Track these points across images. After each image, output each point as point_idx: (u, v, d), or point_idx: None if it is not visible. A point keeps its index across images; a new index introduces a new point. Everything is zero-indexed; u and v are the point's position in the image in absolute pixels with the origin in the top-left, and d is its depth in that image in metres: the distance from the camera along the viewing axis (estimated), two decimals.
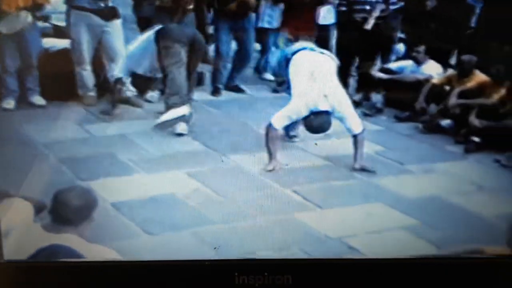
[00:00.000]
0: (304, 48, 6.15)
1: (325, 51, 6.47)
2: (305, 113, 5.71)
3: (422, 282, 3.37)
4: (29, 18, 6.57)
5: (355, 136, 5.83)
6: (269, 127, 5.72)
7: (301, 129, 6.02)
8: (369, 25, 7.03)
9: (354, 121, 5.81)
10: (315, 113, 5.73)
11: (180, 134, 6.12)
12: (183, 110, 6.26)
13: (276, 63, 6.36)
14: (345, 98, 5.92)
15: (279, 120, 5.68)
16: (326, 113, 5.76)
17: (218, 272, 3.46)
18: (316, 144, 5.88)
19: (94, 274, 3.39)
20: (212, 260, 3.82)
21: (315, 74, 5.86)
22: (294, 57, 5.98)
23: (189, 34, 6.50)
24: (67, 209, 3.67)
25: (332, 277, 3.38)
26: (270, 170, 5.62)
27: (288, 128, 6.04)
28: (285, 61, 6.04)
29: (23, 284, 3.37)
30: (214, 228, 4.79)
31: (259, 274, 3.39)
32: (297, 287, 3.39)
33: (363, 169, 5.78)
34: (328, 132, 6.24)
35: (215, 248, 3.93)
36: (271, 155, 5.72)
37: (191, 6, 6.84)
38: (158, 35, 6.31)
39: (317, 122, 5.73)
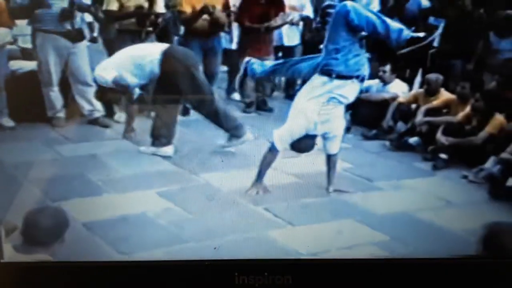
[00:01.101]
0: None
1: None
2: (302, 134, 5.59)
3: (422, 282, 3.33)
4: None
5: (331, 156, 5.70)
6: (272, 148, 5.62)
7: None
8: None
9: (337, 143, 5.70)
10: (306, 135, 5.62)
11: (168, 157, 6.08)
12: (170, 150, 6.28)
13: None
14: (342, 123, 5.75)
15: (282, 143, 5.55)
16: (312, 136, 5.63)
17: (218, 272, 3.41)
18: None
19: (94, 274, 3.39)
20: (212, 260, 3.80)
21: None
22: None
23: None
24: (38, 230, 3.60)
25: (331, 277, 3.32)
26: (256, 193, 5.55)
27: None
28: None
29: (23, 284, 3.30)
30: (186, 246, 4.73)
31: (259, 274, 3.33)
32: (297, 287, 3.32)
33: (337, 190, 5.67)
34: None
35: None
36: (259, 178, 5.61)
37: (150, 28, 6.90)
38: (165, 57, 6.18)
39: (305, 143, 5.63)
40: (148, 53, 6.15)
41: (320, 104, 5.58)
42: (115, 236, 4.79)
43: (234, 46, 7.59)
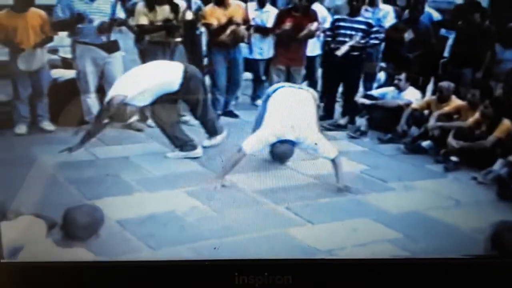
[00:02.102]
0: (282, 87, 6.10)
1: (304, 86, 6.53)
2: (272, 140, 5.64)
3: (422, 282, 3.30)
4: (45, 58, 6.70)
5: (332, 160, 5.76)
6: (240, 151, 5.63)
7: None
8: (340, 52, 7.10)
9: (327, 148, 5.77)
10: (281, 142, 5.66)
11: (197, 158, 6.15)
12: (199, 151, 6.34)
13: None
14: (315, 131, 5.85)
15: (250, 146, 5.62)
16: (291, 142, 5.69)
17: (218, 272, 3.35)
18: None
19: (94, 274, 3.32)
20: (212, 260, 3.76)
21: (286, 106, 5.80)
22: (274, 94, 5.92)
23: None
24: (75, 226, 3.62)
25: (331, 277, 3.29)
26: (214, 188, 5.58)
27: None
28: (267, 98, 5.97)
29: (23, 284, 3.28)
30: (210, 243, 4.69)
31: (259, 274, 3.27)
32: (297, 287, 3.27)
33: (346, 189, 5.71)
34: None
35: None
36: (224, 174, 5.68)
37: (179, 39, 6.99)
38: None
39: (281, 149, 5.72)
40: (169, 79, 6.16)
41: None
42: (145, 232, 4.84)
43: (256, 56, 7.66)
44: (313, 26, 7.30)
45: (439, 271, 3.30)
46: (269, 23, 7.57)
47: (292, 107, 5.87)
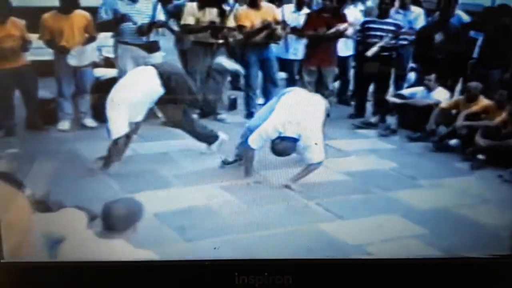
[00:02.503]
0: (295, 89, 6.17)
1: (315, 93, 6.62)
2: (273, 134, 5.73)
3: (422, 282, 3.29)
4: (95, 55, 6.86)
5: (310, 165, 5.83)
6: (247, 148, 5.80)
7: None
8: (370, 53, 7.25)
9: (317, 154, 5.83)
10: (282, 138, 5.74)
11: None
12: (224, 137, 6.45)
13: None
14: (319, 132, 5.90)
15: (253, 140, 5.72)
16: (292, 139, 5.77)
17: (218, 272, 3.34)
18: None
19: (94, 274, 3.34)
20: (212, 260, 3.69)
21: (295, 104, 5.87)
22: (287, 93, 6.06)
23: None
24: (116, 218, 3.71)
25: (331, 277, 3.25)
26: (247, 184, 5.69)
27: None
28: (279, 97, 6.04)
29: (23, 284, 3.25)
30: (245, 236, 4.80)
31: (259, 274, 3.26)
32: (297, 287, 3.28)
33: (287, 187, 5.78)
34: (347, 150, 6.50)
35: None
36: (248, 172, 5.82)
37: (221, 41, 7.09)
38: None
39: (281, 146, 5.76)
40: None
41: None
42: (181, 225, 4.96)
43: (291, 56, 7.76)
44: (342, 26, 7.36)
45: (439, 271, 3.28)
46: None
47: (301, 106, 5.92)
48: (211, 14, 6.99)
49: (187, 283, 3.21)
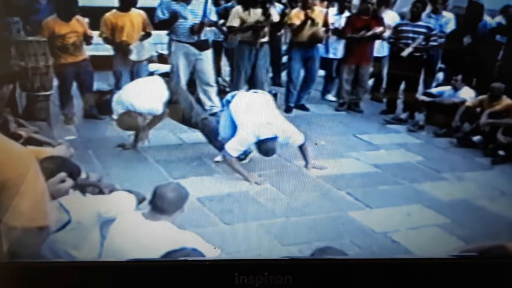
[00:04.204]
0: (235, 94, 6.05)
1: (258, 90, 6.50)
2: (253, 140, 5.67)
3: (422, 282, 3.21)
4: (153, 50, 7.06)
5: (300, 146, 5.84)
6: (226, 155, 5.66)
7: None
8: (405, 53, 7.29)
9: (297, 138, 5.80)
10: (262, 141, 5.70)
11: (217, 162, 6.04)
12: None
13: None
14: (286, 123, 5.88)
15: (233, 150, 5.64)
16: (270, 139, 5.71)
17: (218, 272, 3.13)
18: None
19: (94, 274, 3.15)
20: (212, 260, 3.63)
21: (253, 107, 5.82)
22: (233, 100, 5.87)
23: None
24: (164, 201, 3.75)
25: (331, 277, 3.17)
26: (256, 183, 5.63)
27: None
28: (226, 104, 5.95)
29: (23, 284, 3.20)
30: (279, 221, 4.89)
31: (259, 274, 3.02)
32: (297, 287, 3.20)
33: (314, 168, 5.85)
34: (377, 143, 6.53)
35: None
36: (242, 175, 5.66)
37: (266, 39, 7.16)
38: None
39: (265, 147, 5.70)
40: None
41: None
42: (222, 209, 5.02)
43: (330, 55, 7.85)
44: (379, 29, 7.39)
45: (439, 271, 3.20)
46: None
47: (258, 107, 5.89)
48: (256, 14, 7.09)
49: (187, 283, 3.12)
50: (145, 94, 5.92)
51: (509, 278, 3.13)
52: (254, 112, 5.78)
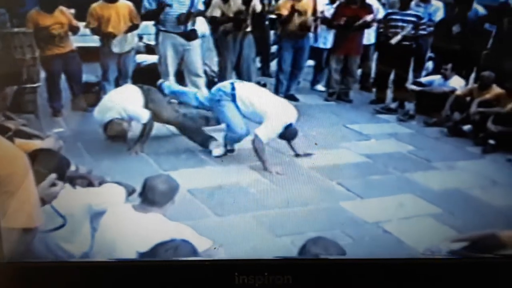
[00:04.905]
0: (233, 82, 6.04)
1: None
2: (280, 130, 5.72)
3: (422, 282, 3.18)
4: (135, 41, 6.98)
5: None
6: (258, 142, 5.64)
7: None
8: (393, 41, 7.30)
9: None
10: (285, 127, 5.75)
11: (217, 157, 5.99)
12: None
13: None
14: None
15: (265, 137, 5.64)
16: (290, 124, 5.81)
17: (218, 272, 3.18)
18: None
19: (94, 274, 3.20)
20: (212, 260, 3.63)
21: (266, 97, 5.94)
22: (237, 91, 5.85)
23: None
24: (154, 193, 3.73)
25: (331, 277, 3.14)
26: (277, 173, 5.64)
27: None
28: (231, 97, 5.87)
29: (23, 284, 3.17)
30: (271, 212, 4.88)
31: (259, 274, 3.08)
32: (297, 287, 3.10)
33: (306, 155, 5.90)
34: (368, 133, 6.56)
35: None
36: (264, 164, 5.69)
37: (249, 29, 7.16)
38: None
39: (290, 131, 5.78)
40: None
41: None
42: (213, 200, 5.00)
43: (320, 45, 7.80)
44: (369, 17, 7.40)
45: (439, 271, 3.19)
46: None
47: (267, 96, 6.02)
48: (236, 4, 7.06)
49: (187, 283, 3.11)
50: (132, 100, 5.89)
51: (509, 278, 3.12)
52: (268, 99, 5.88)
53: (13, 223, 2.60)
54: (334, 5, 7.66)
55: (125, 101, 5.82)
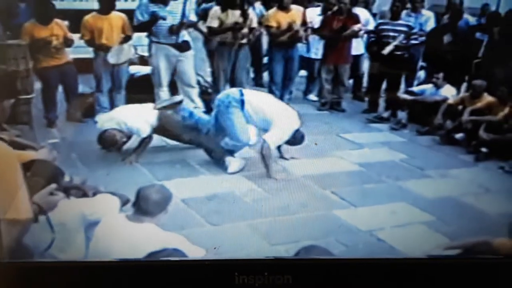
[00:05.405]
0: (241, 89, 6.11)
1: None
2: (289, 136, 5.78)
3: (421, 282, 3.18)
4: (132, 52, 6.96)
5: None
6: (266, 148, 5.67)
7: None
8: (386, 51, 7.34)
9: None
10: (296, 130, 5.81)
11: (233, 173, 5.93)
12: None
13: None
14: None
15: (273, 143, 5.69)
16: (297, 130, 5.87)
17: (218, 272, 3.14)
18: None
19: (94, 274, 3.16)
20: (212, 260, 3.63)
21: (272, 104, 5.98)
22: (246, 98, 5.85)
23: None
24: (148, 202, 3.72)
25: (331, 277, 3.13)
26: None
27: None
28: (240, 103, 5.87)
29: (23, 284, 3.16)
30: (265, 221, 4.88)
31: (259, 274, 3.04)
32: (297, 287, 3.07)
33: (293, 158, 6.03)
34: (361, 142, 6.59)
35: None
36: (269, 170, 5.71)
37: (245, 41, 7.18)
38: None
39: (298, 135, 5.82)
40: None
41: None
42: (208, 210, 5.00)
43: (312, 55, 7.85)
44: (356, 27, 7.45)
45: (438, 271, 3.18)
46: None
47: (274, 102, 6.09)
48: (234, 16, 7.08)
49: (187, 283, 3.09)
50: (138, 116, 5.89)
51: (509, 278, 3.12)
52: (276, 106, 5.92)
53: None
54: (322, 16, 7.71)
55: (128, 115, 5.86)
